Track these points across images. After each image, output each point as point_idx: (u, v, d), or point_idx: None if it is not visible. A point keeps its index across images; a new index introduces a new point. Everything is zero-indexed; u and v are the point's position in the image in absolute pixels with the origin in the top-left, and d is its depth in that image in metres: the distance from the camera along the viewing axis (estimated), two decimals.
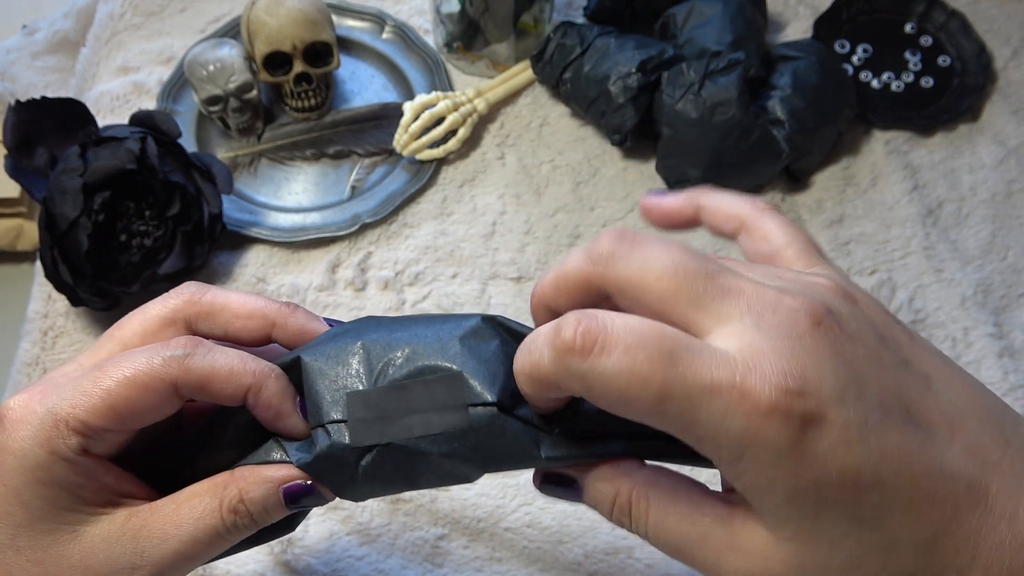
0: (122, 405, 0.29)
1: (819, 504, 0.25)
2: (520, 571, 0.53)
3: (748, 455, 0.25)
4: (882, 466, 0.25)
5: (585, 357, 0.25)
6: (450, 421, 0.30)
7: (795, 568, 0.26)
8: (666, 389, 0.25)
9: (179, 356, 0.30)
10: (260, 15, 0.69)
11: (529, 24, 0.72)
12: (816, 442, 0.24)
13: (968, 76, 0.73)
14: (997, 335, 0.62)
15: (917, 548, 0.26)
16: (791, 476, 0.25)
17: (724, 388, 0.24)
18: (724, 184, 0.66)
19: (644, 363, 0.25)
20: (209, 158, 0.65)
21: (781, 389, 0.24)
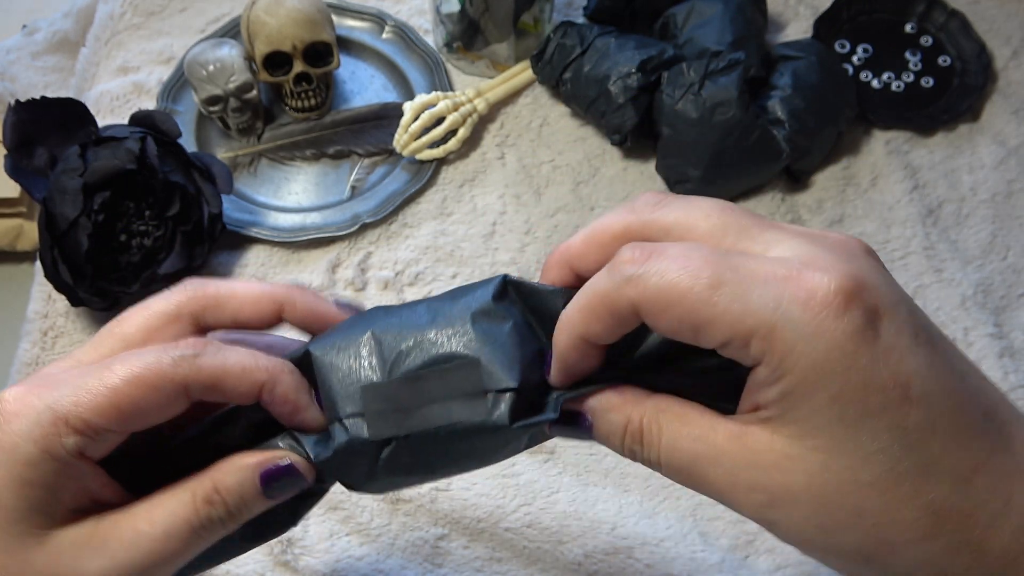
0: (128, 405, 0.28)
1: (863, 411, 0.24)
2: (520, 571, 0.53)
3: (799, 348, 0.24)
4: (932, 382, 0.24)
5: (642, 263, 0.25)
6: (470, 409, 0.29)
7: (819, 481, 0.25)
8: (719, 277, 0.24)
9: (189, 355, 0.29)
10: (260, 15, 0.69)
11: (529, 24, 0.72)
12: (874, 339, 0.24)
13: (968, 76, 0.73)
14: (997, 335, 0.62)
15: (955, 479, 0.24)
16: (842, 374, 0.24)
17: (780, 278, 0.24)
18: (724, 184, 0.67)
19: (697, 259, 0.25)
20: (209, 158, 0.65)
21: (846, 280, 0.24)
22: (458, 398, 0.29)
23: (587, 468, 0.57)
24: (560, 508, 0.55)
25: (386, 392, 0.30)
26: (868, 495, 0.25)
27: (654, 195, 0.28)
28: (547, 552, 0.53)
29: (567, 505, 0.55)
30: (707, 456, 0.27)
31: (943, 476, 0.24)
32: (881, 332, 0.24)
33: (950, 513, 0.24)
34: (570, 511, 0.55)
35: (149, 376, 0.28)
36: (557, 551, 0.53)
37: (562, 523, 0.54)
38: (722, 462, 0.26)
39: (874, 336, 0.24)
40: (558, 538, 0.54)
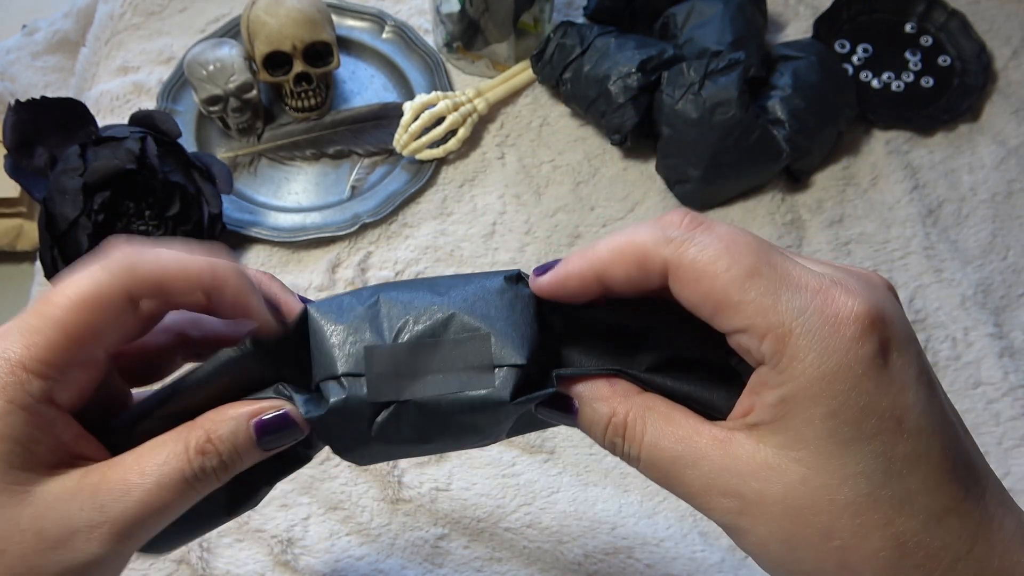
0: (79, 330, 0.27)
1: (856, 433, 0.25)
2: (520, 571, 0.53)
3: (810, 358, 0.24)
4: (926, 419, 0.25)
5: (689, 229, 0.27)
6: (476, 382, 0.29)
7: (795, 494, 0.25)
8: (757, 268, 0.25)
9: (123, 262, 0.28)
10: (260, 15, 0.69)
11: (529, 24, 0.72)
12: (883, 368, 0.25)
13: (968, 76, 0.73)
14: (997, 335, 0.62)
15: (928, 516, 0.25)
16: (845, 393, 0.24)
17: (811, 288, 0.25)
18: (724, 184, 0.67)
19: (742, 245, 0.26)
20: (209, 158, 0.65)
21: (870, 308, 0.25)
22: (465, 370, 0.29)
23: (587, 468, 0.57)
24: (560, 508, 0.55)
25: (391, 355, 0.29)
26: (841, 516, 0.25)
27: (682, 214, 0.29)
28: (547, 552, 0.53)
29: (567, 505, 0.55)
30: (687, 457, 0.27)
31: (917, 511, 0.25)
32: (890, 363, 0.25)
33: (916, 549, 0.25)
34: (570, 511, 0.55)
35: (89, 295, 0.27)
36: (557, 551, 0.53)
37: (562, 523, 0.54)
38: (701, 465, 0.27)
39: (883, 365, 0.25)
40: (558, 538, 0.54)
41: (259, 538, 0.54)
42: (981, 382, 0.61)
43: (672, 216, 0.27)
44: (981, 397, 0.60)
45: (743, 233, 0.27)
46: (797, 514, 0.25)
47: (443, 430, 0.30)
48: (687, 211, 0.28)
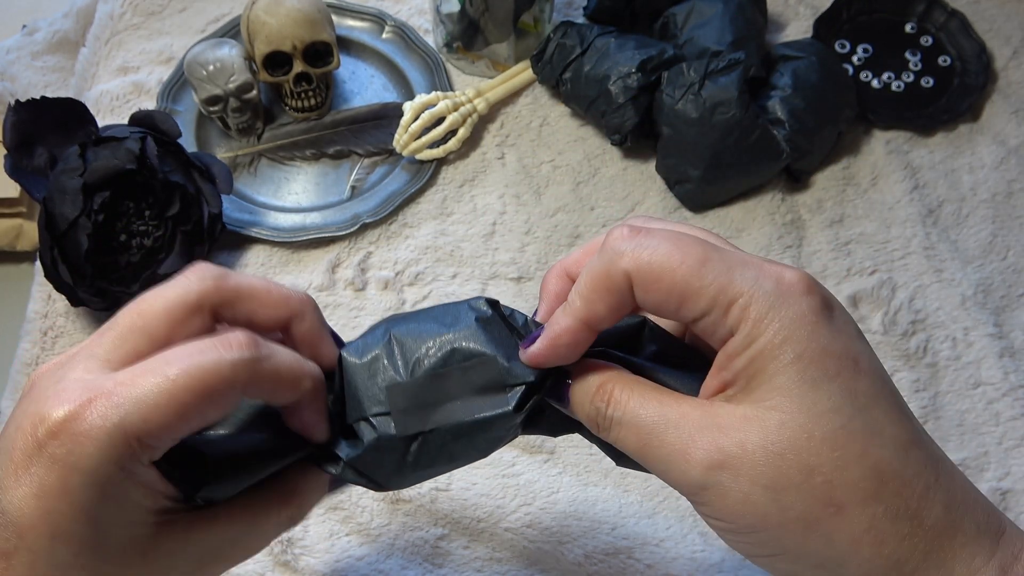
0: (192, 414, 0.28)
1: (822, 373, 0.27)
2: (520, 571, 0.53)
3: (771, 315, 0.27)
4: (875, 361, 0.28)
5: (634, 238, 0.29)
6: (491, 402, 0.32)
7: (774, 438, 0.27)
8: (706, 255, 0.28)
9: (248, 360, 0.29)
10: (260, 15, 0.69)
11: (529, 24, 0.72)
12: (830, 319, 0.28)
13: (968, 76, 0.73)
14: (997, 335, 0.62)
15: (896, 446, 0.27)
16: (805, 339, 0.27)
17: (754, 264, 0.28)
18: (724, 184, 0.67)
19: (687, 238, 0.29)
20: (209, 158, 0.65)
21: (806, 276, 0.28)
22: (479, 393, 0.32)
23: (587, 468, 0.57)
24: (560, 508, 0.55)
25: (410, 390, 0.32)
26: (820, 450, 0.27)
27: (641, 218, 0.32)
28: (547, 552, 0.53)
29: (567, 505, 0.55)
30: (669, 419, 0.29)
31: (887, 441, 0.27)
32: (835, 316, 0.28)
33: (892, 477, 0.27)
34: (570, 511, 0.55)
35: (211, 383, 0.28)
36: (557, 551, 0.53)
37: (562, 523, 0.54)
38: (682, 425, 0.28)
39: (830, 317, 0.28)
40: (558, 538, 0.54)
41: None
42: (981, 382, 0.61)
43: (615, 232, 0.29)
44: (981, 397, 0.60)
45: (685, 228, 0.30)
46: (778, 457, 0.27)
47: (468, 447, 0.32)
48: (626, 224, 0.30)
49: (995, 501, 0.56)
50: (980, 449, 0.58)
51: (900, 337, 0.62)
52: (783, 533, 0.27)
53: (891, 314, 0.63)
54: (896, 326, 0.63)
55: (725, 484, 0.27)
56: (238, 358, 0.28)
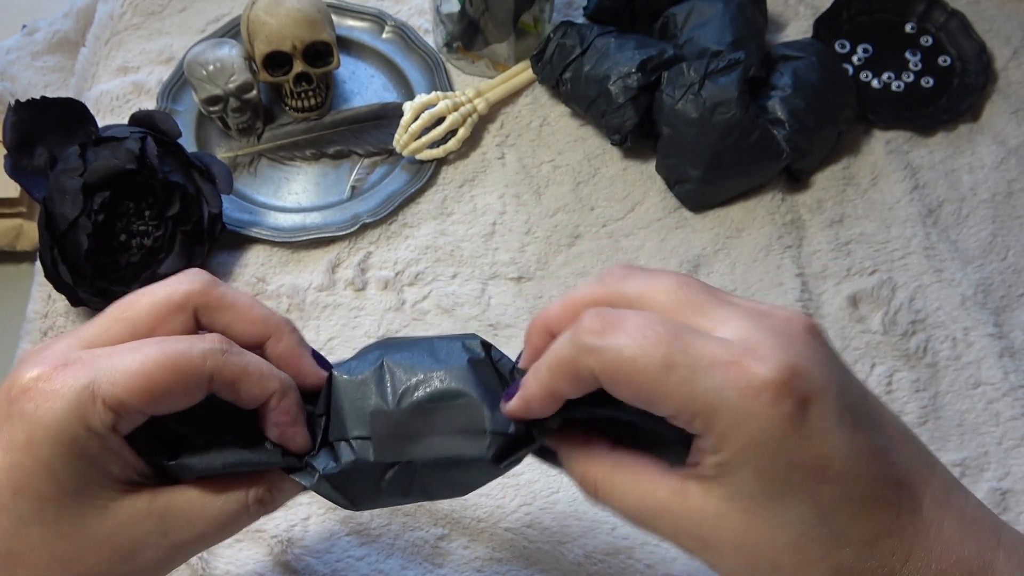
0: (159, 390, 0.30)
1: (784, 485, 0.28)
2: (520, 572, 0.53)
3: (734, 431, 0.27)
4: (850, 461, 0.28)
5: (602, 335, 0.28)
6: (471, 445, 0.33)
7: (743, 537, 0.29)
8: (670, 359, 0.27)
9: (218, 351, 0.31)
10: (260, 15, 0.69)
11: (529, 24, 0.72)
12: (801, 424, 0.27)
13: (968, 76, 0.73)
14: (997, 335, 0.62)
15: (861, 544, 0.28)
16: (768, 455, 0.27)
17: (723, 363, 0.27)
18: (724, 184, 0.67)
19: (652, 338, 0.28)
20: (209, 158, 0.65)
21: (782, 370, 0.27)
22: (460, 433, 0.33)
23: None
24: (560, 508, 0.55)
25: (394, 419, 0.33)
26: (783, 554, 0.28)
27: (622, 268, 0.32)
28: (547, 552, 0.53)
29: (567, 505, 0.55)
30: (653, 510, 0.31)
31: (849, 542, 0.28)
32: (809, 417, 0.27)
33: (851, 572, 0.28)
34: (570, 511, 0.55)
35: (182, 365, 0.30)
36: (557, 551, 0.53)
37: (562, 523, 0.54)
38: (664, 516, 0.30)
39: (802, 421, 0.27)
40: (558, 538, 0.54)
41: (259, 538, 0.54)
42: (981, 382, 0.61)
43: (585, 322, 0.29)
44: (981, 397, 0.60)
45: (653, 324, 0.28)
46: (748, 553, 0.29)
47: (443, 484, 0.34)
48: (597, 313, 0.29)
49: (995, 501, 0.56)
50: (980, 449, 0.58)
51: (900, 337, 0.62)
52: None
53: (891, 314, 0.63)
54: (896, 326, 0.63)
55: (711, 563, 0.30)
56: (208, 348, 0.31)
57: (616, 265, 0.32)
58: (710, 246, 0.66)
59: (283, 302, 0.64)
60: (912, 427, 0.58)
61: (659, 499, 0.30)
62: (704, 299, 0.30)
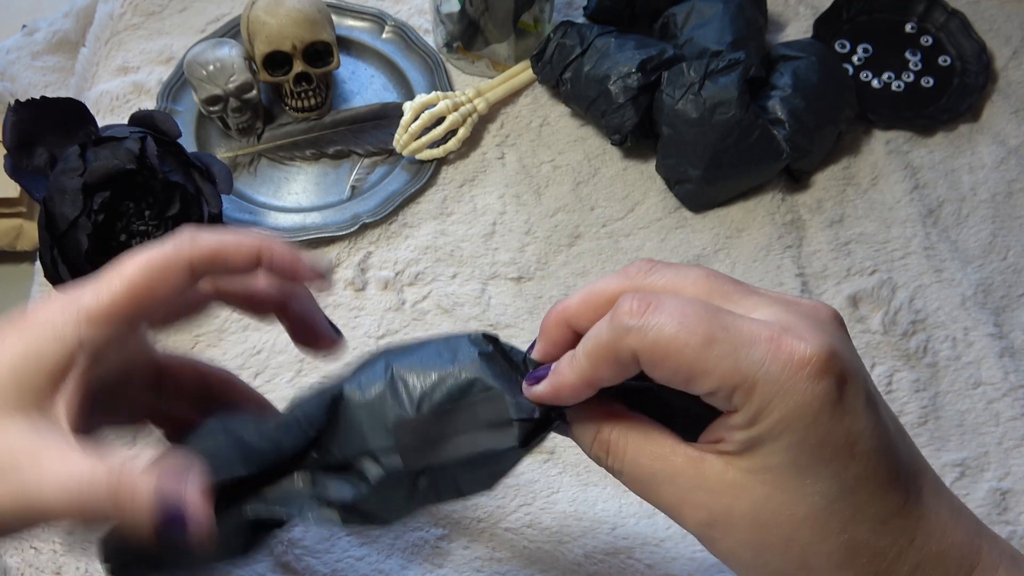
0: (142, 288, 0.31)
1: (814, 460, 0.28)
2: (520, 572, 0.53)
3: (774, 403, 0.27)
4: (874, 441, 0.29)
5: (641, 316, 0.28)
6: (497, 437, 0.32)
7: (760, 509, 0.29)
8: (711, 335, 0.28)
9: (187, 237, 0.32)
10: (260, 15, 0.69)
11: (529, 24, 0.72)
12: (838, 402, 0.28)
13: (968, 76, 0.73)
14: (997, 335, 0.62)
15: (874, 521, 0.29)
16: (804, 429, 0.28)
17: (765, 339, 0.28)
18: (724, 184, 0.67)
19: (692, 316, 0.28)
20: (209, 158, 0.65)
21: (821, 349, 0.28)
22: (486, 428, 0.32)
23: (587, 468, 0.57)
24: (560, 508, 0.55)
25: (419, 427, 0.32)
26: (801, 527, 0.29)
27: (647, 262, 0.32)
28: (547, 552, 0.53)
29: (567, 505, 0.55)
30: (664, 473, 0.30)
31: (866, 519, 0.29)
32: (844, 396, 0.28)
33: (864, 549, 0.29)
34: (570, 511, 0.55)
35: (157, 260, 0.31)
36: (557, 551, 0.53)
37: (562, 523, 0.54)
38: (676, 481, 0.30)
39: (839, 399, 0.28)
40: (558, 538, 0.54)
41: None
42: (981, 382, 0.61)
43: (624, 305, 0.29)
44: (981, 397, 0.60)
45: (691, 303, 0.29)
46: (762, 526, 0.29)
47: (475, 480, 0.33)
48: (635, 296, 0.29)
49: (995, 501, 0.56)
50: (980, 449, 0.58)
51: (900, 337, 0.62)
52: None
53: (891, 314, 0.63)
54: (896, 326, 0.63)
55: (714, 539, 0.31)
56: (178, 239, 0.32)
57: (641, 260, 0.32)
58: (710, 246, 0.66)
59: None
60: (912, 427, 0.59)
61: (673, 464, 0.30)
62: (733, 289, 0.31)
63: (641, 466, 0.31)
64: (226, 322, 0.63)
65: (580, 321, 0.32)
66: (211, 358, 0.61)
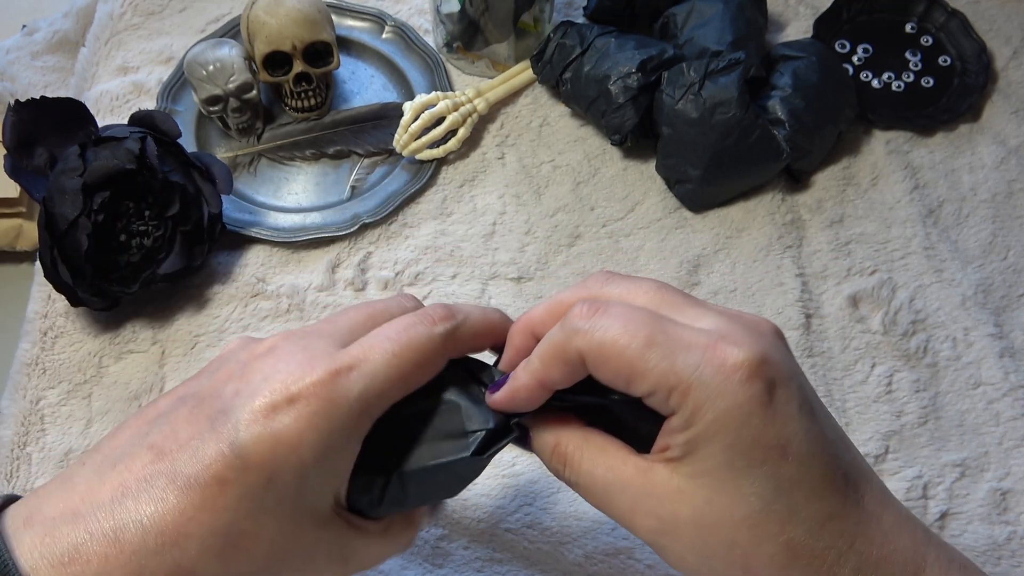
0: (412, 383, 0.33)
1: (749, 461, 0.29)
2: (520, 572, 0.53)
3: (707, 405, 0.29)
4: (807, 445, 0.30)
5: (588, 319, 0.31)
6: (454, 447, 0.34)
7: (701, 513, 0.30)
8: (652, 339, 0.30)
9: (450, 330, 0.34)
10: (260, 15, 0.69)
11: (529, 24, 0.72)
12: (768, 404, 0.29)
13: (968, 76, 0.73)
14: (997, 335, 0.62)
15: (812, 523, 0.30)
16: (736, 430, 0.29)
17: (701, 345, 0.30)
18: (724, 184, 0.67)
19: (635, 321, 0.30)
20: (209, 158, 0.65)
21: (753, 354, 0.29)
22: (444, 438, 0.34)
23: None
24: (561, 509, 0.55)
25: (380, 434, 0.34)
26: (740, 529, 0.30)
27: (604, 274, 0.34)
28: (548, 553, 0.53)
29: (568, 506, 0.55)
30: (616, 484, 0.32)
31: (802, 521, 0.30)
32: (775, 399, 0.29)
33: (803, 551, 0.30)
34: (571, 512, 0.55)
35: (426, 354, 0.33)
36: (558, 552, 0.53)
37: (563, 524, 0.54)
38: (627, 491, 0.32)
39: (768, 402, 0.29)
40: (559, 539, 0.54)
41: None
42: (981, 382, 0.61)
43: (575, 309, 0.31)
44: (981, 397, 0.60)
45: (637, 310, 0.31)
46: (705, 530, 0.30)
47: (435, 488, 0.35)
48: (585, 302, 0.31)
49: (995, 501, 0.56)
50: (980, 449, 0.58)
51: (900, 337, 0.62)
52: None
53: (891, 314, 0.63)
54: (896, 326, 0.63)
55: (664, 545, 0.32)
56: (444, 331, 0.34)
57: (599, 272, 0.34)
58: (710, 246, 0.66)
59: (283, 302, 0.64)
60: (912, 427, 0.59)
61: (624, 474, 0.32)
62: (682, 300, 0.33)
63: (595, 477, 0.33)
64: (226, 322, 0.63)
65: (541, 329, 0.34)
66: (211, 358, 0.61)
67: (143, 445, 0.31)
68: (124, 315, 0.63)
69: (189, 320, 0.63)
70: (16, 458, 0.58)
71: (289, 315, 0.63)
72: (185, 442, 0.31)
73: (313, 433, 0.31)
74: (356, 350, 0.33)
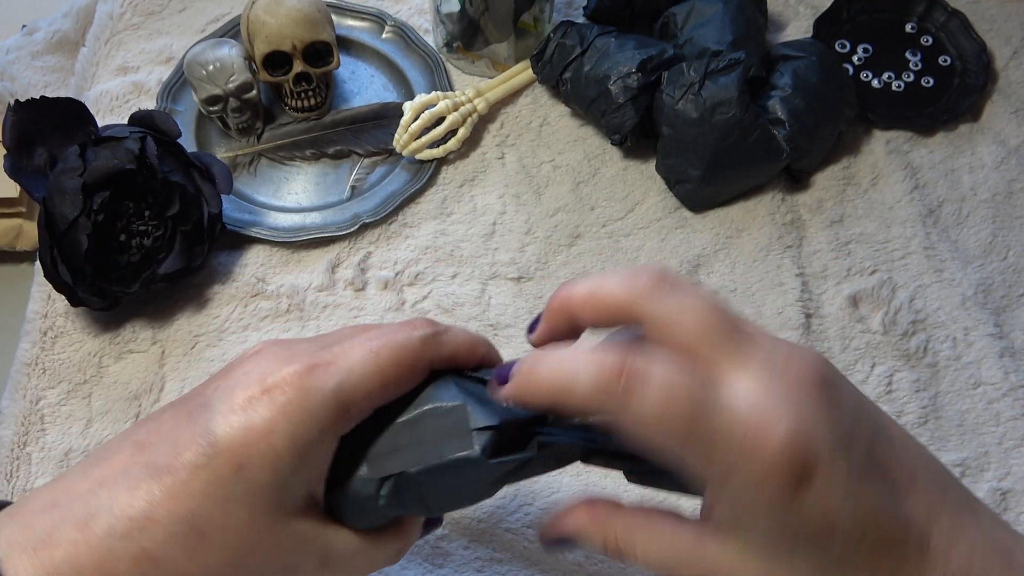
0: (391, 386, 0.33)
1: (793, 542, 0.29)
2: (521, 572, 0.53)
3: (745, 497, 0.29)
4: (856, 519, 0.29)
5: (625, 397, 0.29)
6: (457, 445, 0.33)
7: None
8: (691, 429, 0.29)
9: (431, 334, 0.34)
10: (260, 15, 0.69)
11: (529, 24, 0.72)
12: (806, 498, 0.29)
13: (968, 76, 0.73)
14: (997, 335, 0.62)
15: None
16: (776, 520, 0.29)
17: (736, 441, 0.29)
18: (724, 184, 0.67)
19: (675, 401, 0.29)
20: (209, 158, 0.65)
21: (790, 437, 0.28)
22: (447, 437, 0.33)
23: (587, 468, 0.57)
24: None
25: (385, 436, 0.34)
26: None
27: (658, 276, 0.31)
28: (548, 552, 0.53)
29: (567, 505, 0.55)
30: (675, 560, 0.33)
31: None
32: (815, 484, 0.29)
33: None
34: None
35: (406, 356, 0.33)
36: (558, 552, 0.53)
37: None
38: (685, 567, 0.32)
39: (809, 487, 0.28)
40: None
41: None
42: (981, 382, 0.61)
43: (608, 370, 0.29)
44: (981, 397, 0.60)
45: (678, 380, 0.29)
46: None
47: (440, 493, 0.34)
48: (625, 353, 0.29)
49: (995, 501, 0.56)
50: (980, 449, 0.58)
51: (900, 337, 0.62)
52: None
53: (891, 314, 0.63)
54: (896, 326, 0.63)
55: None
56: (423, 334, 0.34)
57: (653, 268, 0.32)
58: (710, 246, 0.66)
59: (283, 302, 0.64)
60: (912, 427, 0.59)
61: (680, 551, 0.32)
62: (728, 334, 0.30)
63: (654, 560, 0.33)
64: (226, 322, 0.63)
65: (581, 316, 0.33)
66: (211, 358, 0.61)
67: (128, 442, 0.32)
68: (124, 315, 0.63)
69: (189, 320, 0.63)
70: (16, 458, 0.58)
71: (289, 315, 0.63)
72: (165, 435, 0.32)
73: (286, 422, 0.31)
74: (336, 348, 0.33)
